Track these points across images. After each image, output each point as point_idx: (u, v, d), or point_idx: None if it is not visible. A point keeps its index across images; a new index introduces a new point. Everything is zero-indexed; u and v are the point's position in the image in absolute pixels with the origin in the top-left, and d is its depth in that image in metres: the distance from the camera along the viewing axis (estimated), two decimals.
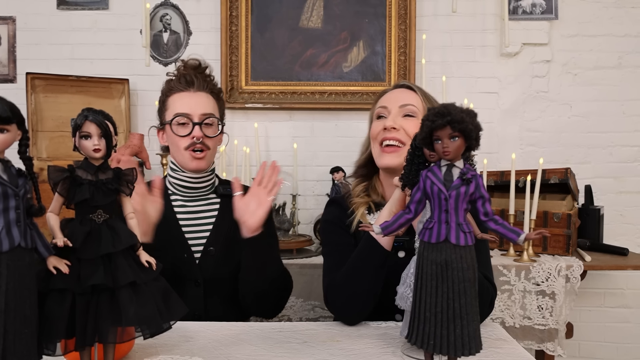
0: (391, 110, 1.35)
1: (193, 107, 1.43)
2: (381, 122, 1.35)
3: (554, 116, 2.56)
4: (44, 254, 0.77)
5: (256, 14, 2.51)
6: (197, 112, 1.42)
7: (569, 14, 2.54)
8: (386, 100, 1.39)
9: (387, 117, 1.35)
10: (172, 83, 1.46)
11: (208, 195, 1.49)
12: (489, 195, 0.82)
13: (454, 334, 0.80)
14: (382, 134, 1.33)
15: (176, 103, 1.44)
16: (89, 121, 0.82)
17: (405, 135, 1.32)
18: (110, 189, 0.85)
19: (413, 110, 1.35)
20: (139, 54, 2.49)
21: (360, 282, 1.21)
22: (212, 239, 1.44)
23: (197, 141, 1.40)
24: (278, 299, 1.46)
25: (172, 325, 0.89)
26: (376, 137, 1.35)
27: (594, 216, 2.30)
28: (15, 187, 0.73)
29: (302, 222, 2.41)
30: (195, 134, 1.41)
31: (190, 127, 1.41)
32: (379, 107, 1.39)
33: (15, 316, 0.72)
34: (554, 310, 1.94)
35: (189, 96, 1.44)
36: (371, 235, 1.19)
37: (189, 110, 1.42)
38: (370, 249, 1.20)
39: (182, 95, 1.44)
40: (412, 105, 1.35)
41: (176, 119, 1.41)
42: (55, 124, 2.37)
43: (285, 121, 2.56)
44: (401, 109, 1.35)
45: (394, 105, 1.36)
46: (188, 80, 1.44)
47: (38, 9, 2.51)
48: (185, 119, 1.41)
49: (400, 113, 1.34)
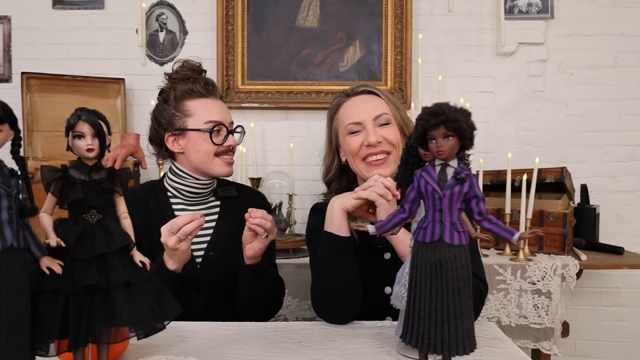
0: (366, 125, 1.33)
1: (224, 115, 1.44)
2: (358, 138, 1.34)
3: (550, 115, 2.57)
4: (36, 254, 0.77)
5: (252, 13, 2.50)
6: (227, 120, 1.44)
7: (564, 13, 2.54)
8: (356, 113, 1.36)
9: (364, 132, 1.33)
10: (188, 85, 1.42)
11: (208, 199, 1.49)
12: (483, 195, 0.82)
13: (448, 333, 0.80)
14: (364, 150, 1.32)
15: (203, 109, 1.41)
16: (82, 121, 0.82)
17: (388, 145, 1.32)
18: (104, 189, 0.84)
19: (388, 119, 1.34)
20: (134, 54, 2.48)
21: (332, 277, 1.23)
22: (212, 244, 1.43)
23: (232, 149, 1.44)
24: (272, 308, 1.49)
25: (166, 325, 0.89)
26: (357, 154, 1.34)
27: (590, 215, 2.30)
28: (7, 187, 0.73)
29: (298, 221, 2.41)
30: (232, 142, 1.43)
31: (223, 135, 1.42)
32: (350, 123, 1.35)
33: (8, 317, 0.72)
34: (550, 309, 1.94)
35: (214, 104, 1.44)
36: (325, 231, 1.24)
37: (221, 118, 1.42)
38: (329, 241, 1.23)
39: (206, 101, 1.43)
40: (385, 114, 1.34)
41: (215, 127, 1.40)
42: (50, 123, 2.36)
43: (281, 121, 2.56)
44: (376, 121, 1.34)
45: (367, 119, 1.34)
46: (210, 84, 1.44)
47: (33, 9, 2.50)
48: (221, 126, 1.41)
49: (376, 124, 1.34)
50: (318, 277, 1.27)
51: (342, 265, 1.22)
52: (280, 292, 1.50)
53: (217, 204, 1.48)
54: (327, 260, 1.24)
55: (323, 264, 1.24)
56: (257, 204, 1.50)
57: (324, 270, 1.24)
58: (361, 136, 1.33)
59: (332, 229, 1.23)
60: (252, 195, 1.58)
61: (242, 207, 1.43)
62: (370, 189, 1.18)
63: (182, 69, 1.44)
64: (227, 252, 1.42)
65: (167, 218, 1.36)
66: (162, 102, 1.46)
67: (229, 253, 1.41)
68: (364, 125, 1.33)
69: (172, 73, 1.46)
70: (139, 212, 1.39)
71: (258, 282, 1.37)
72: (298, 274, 2.02)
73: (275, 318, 1.98)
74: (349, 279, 1.22)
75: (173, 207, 1.44)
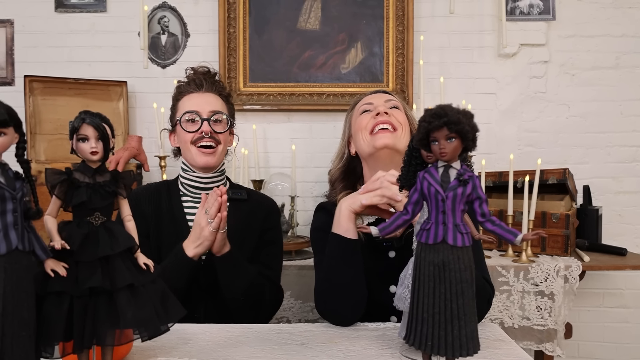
0: (377, 105, 1.40)
1: (202, 105, 1.46)
2: (369, 114, 1.39)
3: (552, 117, 2.57)
4: (41, 257, 0.77)
5: (254, 15, 2.51)
6: (205, 110, 1.46)
7: (566, 14, 2.54)
8: (368, 99, 1.44)
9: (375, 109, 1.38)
10: (181, 87, 1.51)
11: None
12: (485, 196, 0.83)
13: (451, 334, 0.80)
14: (372, 121, 1.36)
15: (185, 103, 1.48)
16: (86, 124, 0.82)
17: (396, 121, 1.36)
18: (108, 192, 0.85)
19: (398, 105, 1.41)
20: (137, 57, 2.49)
21: (338, 279, 1.23)
22: None
23: (206, 135, 1.43)
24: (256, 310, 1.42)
25: (170, 327, 0.89)
26: (365, 127, 1.37)
27: (593, 216, 2.30)
28: (12, 190, 0.73)
29: (300, 223, 2.41)
30: (204, 128, 1.44)
31: (199, 124, 1.44)
32: (364, 104, 1.43)
33: (13, 319, 0.72)
34: (553, 311, 1.94)
35: (198, 96, 1.48)
36: (332, 232, 1.23)
37: (198, 107, 1.45)
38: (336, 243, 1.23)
39: (191, 96, 1.49)
40: (395, 101, 1.42)
41: (184, 115, 1.45)
42: (53, 126, 2.37)
43: (283, 123, 2.56)
44: (387, 103, 1.41)
45: (379, 101, 1.41)
46: (197, 83, 1.49)
47: (36, 12, 2.51)
48: (193, 114, 1.44)
49: (387, 106, 1.39)
50: (323, 278, 1.26)
51: (349, 268, 1.22)
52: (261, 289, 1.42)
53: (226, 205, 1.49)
54: (334, 262, 1.24)
55: (329, 266, 1.24)
56: (266, 210, 1.52)
57: (330, 271, 1.24)
58: (372, 113, 1.39)
59: (339, 231, 1.23)
60: (262, 201, 1.58)
61: (249, 211, 1.48)
62: (378, 192, 1.18)
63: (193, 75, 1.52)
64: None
65: (176, 215, 1.44)
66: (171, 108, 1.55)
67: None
68: (375, 105, 1.40)
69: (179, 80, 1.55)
70: (151, 207, 1.45)
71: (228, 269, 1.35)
72: (300, 276, 2.02)
73: (278, 320, 1.98)
74: (355, 281, 1.22)
75: (183, 205, 1.47)
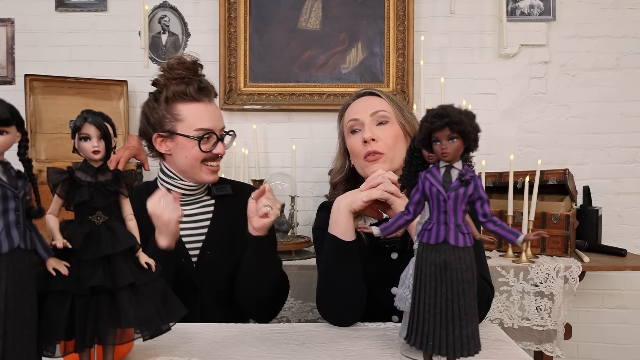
0: (363, 121, 1.35)
1: (215, 122, 1.41)
2: (358, 136, 1.35)
3: (552, 117, 2.57)
4: (43, 256, 0.77)
5: (254, 15, 2.51)
6: (218, 127, 1.41)
7: (566, 15, 2.55)
8: (354, 111, 1.38)
9: (362, 130, 1.35)
10: (181, 87, 1.37)
11: (202, 198, 1.47)
12: (487, 197, 0.83)
13: (452, 335, 0.80)
14: (363, 148, 1.33)
15: (194, 115, 1.38)
16: (88, 123, 0.83)
17: (383, 146, 1.32)
18: (110, 191, 0.85)
19: (385, 116, 1.35)
20: (137, 56, 2.48)
21: (335, 280, 1.22)
22: (208, 243, 1.42)
23: (221, 157, 1.41)
24: (274, 302, 1.45)
25: (171, 326, 0.90)
26: (359, 154, 1.35)
27: (592, 217, 2.30)
28: (14, 189, 0.73)
29: (300, 223, 2.41)
30: (220, 151, 1.41)
31: (212, 142, 1.40)
32: (350, 120, 1.38)
33: (15, 318, 0.72)
34: (553, 311, 1.94)
35: (206, 109, 1.40)
36: (329, 233, 1.22)
37: (212, 125, 1.39)
38: (333, 244, 1.21)
39: (198, 106, 1.39)
40: (382, 110, 1.35)
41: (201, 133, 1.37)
42: (53, 125, 2.37)
43: (283, 122, 2.56)
44: (373, 118, 1.35)
45: (364, 115, 1.36)
46: (202, 88, 1.39)
47: (36, 11, 2.51)
48: (210, 134, 1.39)
49: (373, 122, 1.35)
50: (322, 279, 1.27)
51: (346, 269, 1.22)
52: (284, 284, 1.46)
53: (211, 203, 1.47)
54: (331, 264, 1.23)
55: (327, 267, 1.24)
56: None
57: (328, 272, 1.24)
58: (360, 134, 1.35)
59: (337, 232, 1.21)
60: (248, 191, 1.56)
61: (237, 204, 1.42)
62: (380, 186, 1.17)
63: (177, 66, 1.39)
64: (222, 250, 1.42)
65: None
66: (152, 100, 1.42)
67: (225, 252, 1.41)
68: (361, 121, 1.35)
69: (166, 68, 1.41)
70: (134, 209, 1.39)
71: (265, 260, 1.33)
72: (300, 276, 2.02)
73: (278, 320, 1.98)
74: (353, 282, 1.22)
75: None
